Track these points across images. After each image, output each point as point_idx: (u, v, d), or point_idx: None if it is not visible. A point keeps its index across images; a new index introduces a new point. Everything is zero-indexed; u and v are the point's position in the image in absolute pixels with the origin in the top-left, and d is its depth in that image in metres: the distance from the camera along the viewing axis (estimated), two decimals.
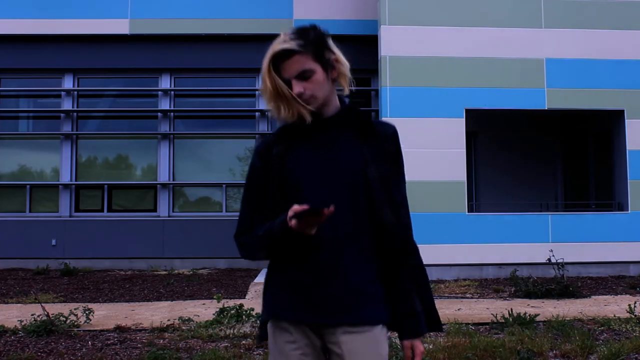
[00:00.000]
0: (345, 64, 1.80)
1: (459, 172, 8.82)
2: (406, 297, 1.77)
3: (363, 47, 9.82)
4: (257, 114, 11.08)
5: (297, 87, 1.72)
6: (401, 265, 1.78)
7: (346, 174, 1.76)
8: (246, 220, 1.83)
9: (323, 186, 1.74)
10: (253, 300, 6.82)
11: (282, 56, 1.72)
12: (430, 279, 2.09)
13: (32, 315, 5.37)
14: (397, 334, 1.81)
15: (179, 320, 5.66)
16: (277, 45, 1.73)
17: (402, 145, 1.87)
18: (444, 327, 4.59)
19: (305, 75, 1.73)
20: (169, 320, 5.68)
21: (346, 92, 1.84)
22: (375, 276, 1.76)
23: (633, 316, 5.59)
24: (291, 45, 1.71)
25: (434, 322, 1.85)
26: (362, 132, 1.82)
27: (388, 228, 1.76)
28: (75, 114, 11.07)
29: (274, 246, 1.74)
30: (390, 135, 1.85)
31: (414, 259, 1.83)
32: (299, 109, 1.73)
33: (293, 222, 1.58)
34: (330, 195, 1.71)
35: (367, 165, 1.76)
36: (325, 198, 1.66)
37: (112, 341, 5.03)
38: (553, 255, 7.74)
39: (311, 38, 1.74)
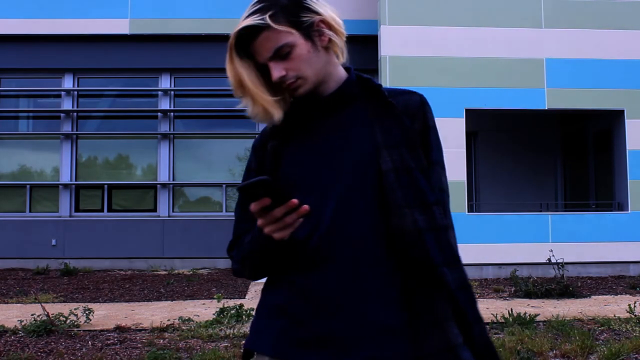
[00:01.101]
0: (335, 22, 1.36)
1: (459, 172, 8.82)
2: (439, 327, 1.30)
3: (363, 47, 9.81)
4: None
5: (276, 71, 1.32)
6: (435, 283, 1.30)
7: (352, 168, 1.34)
8: (238, 231, 1.44)
9: (323, 188, 1.34)
10: (253, 300, 6.82)
11: (248, 37, 1.32)
12: None
13: (32, 315, 5.37)
14: None
15: (179, 320, 5.66)
16: (239, 25, 1.33)
17: None
18: None
19: (281, 54, 1.32)
20: (169, 320, 5.68)
21: (341, 62, 1.42)
22: (395, 301, 1.30)
23: (633, 316, 5.59)
24: (253, 20, 1.31)
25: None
26: (374, 107, 1.39)
27: (412, 236, 1.29)
28: (75, 114, 11.07)
29: (257, 257, 1.34)
30: (415, 107, 1.38)
31: (455, 272, 1.31)
32: (265, 105, 1.34)
33: (252, 206, 1.21)
34: (332, 199, 1.32)
35: (378, 153, 1.33)
36: (326, 203, 1.32)
37: (112, 341, 5.03)
38: (553, 255, 7.75)
39: (280, 1, 1.33)
